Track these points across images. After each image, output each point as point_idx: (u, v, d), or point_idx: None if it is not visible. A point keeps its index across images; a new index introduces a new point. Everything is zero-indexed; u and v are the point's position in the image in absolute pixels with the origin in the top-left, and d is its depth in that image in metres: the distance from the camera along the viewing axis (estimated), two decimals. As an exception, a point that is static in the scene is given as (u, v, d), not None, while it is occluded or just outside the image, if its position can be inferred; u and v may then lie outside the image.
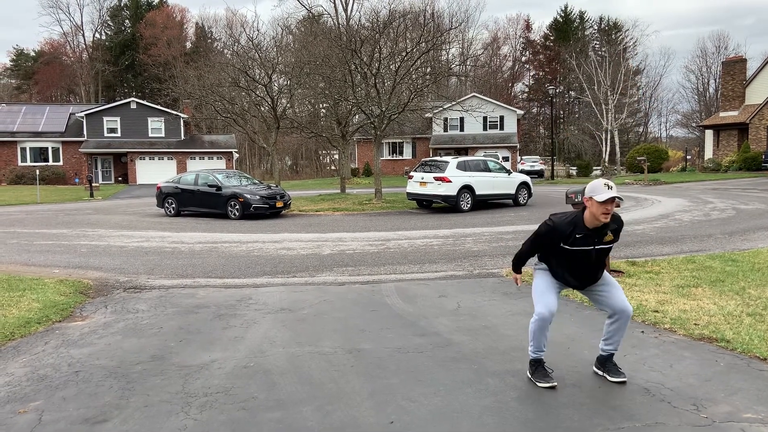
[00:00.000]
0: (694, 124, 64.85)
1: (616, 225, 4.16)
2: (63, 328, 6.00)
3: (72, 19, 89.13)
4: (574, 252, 4.12)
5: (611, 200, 3.92)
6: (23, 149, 43.95)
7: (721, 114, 39.90)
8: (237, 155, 49.47)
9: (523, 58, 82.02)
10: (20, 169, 42.30)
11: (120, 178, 44.98)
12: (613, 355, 4.40)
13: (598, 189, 3.96)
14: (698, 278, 7.47)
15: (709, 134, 41.70)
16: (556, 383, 4.22)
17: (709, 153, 40.87)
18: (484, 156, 37.44)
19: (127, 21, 77.29)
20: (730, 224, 13.38)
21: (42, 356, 5.12)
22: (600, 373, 4.42)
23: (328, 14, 53.19)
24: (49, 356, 5.11)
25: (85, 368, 4.80)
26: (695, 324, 5.56)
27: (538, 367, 4.33)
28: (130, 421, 3.81)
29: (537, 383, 4.25)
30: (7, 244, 12.58)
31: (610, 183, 3.98)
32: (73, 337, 5.69)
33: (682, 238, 11.59)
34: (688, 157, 46.47)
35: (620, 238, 4.63)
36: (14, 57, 77.88)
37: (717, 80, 63.18)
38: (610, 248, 4.24)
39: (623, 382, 4.24)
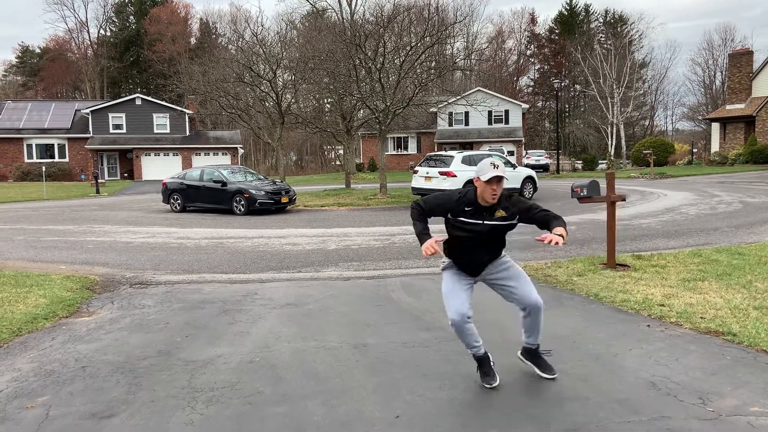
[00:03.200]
0: (700, 117, 64.50)
1: (507, 203, 4.04)
2: (70, 324, 6.03)
3: (77, 16, 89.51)
4: (464, 225, 4.02)
5: (496, 179, 3.88)
6: (29, 146, 44.14)
7: (728, 107, 39.66)
8: (242, 151, 49.54)
9: (528, 52, 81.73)
10: (26, 166, 42.49)
11: (125, 174, 45.12)
12: (538, 347, 4.33)
13: (484, 169, 3.92)
14: (704, 272, 7.43)
15: (715, 127, 41.47)
16: (496, 383, 4.13)
17: (715, 146, 40.66)
18: (489, 150, 37.36)
19: (131, 17, 77.40)
20: (737, 217, 13.32)
21: (49, 352, 5.14)
22: (527, 362, 4.37)
23: (332, 9, 53.11)
24: (57, 352, 5.14)
25: (92, 363, 4.82)
26: (701, 317, 5.54)
27: (479, 364, 4.23)
28: (137, 416, 3.83)
29: (482, 383, 4.17)
30: (14, 241, 12.65)
31: (497, 162, 3.93)
32: (80, 332, 5.72)
33: (688, 231, 11.54)
34: (695, 150, 46.28)
35: (626, 231, 4.58)
36: (20, 54, 78.15)
37: (723, 73, 62.81)
38: (506, 227, 4.08)
39: (553, 379, 4.21)
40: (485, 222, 4.02)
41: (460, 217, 4.04)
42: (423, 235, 4.04)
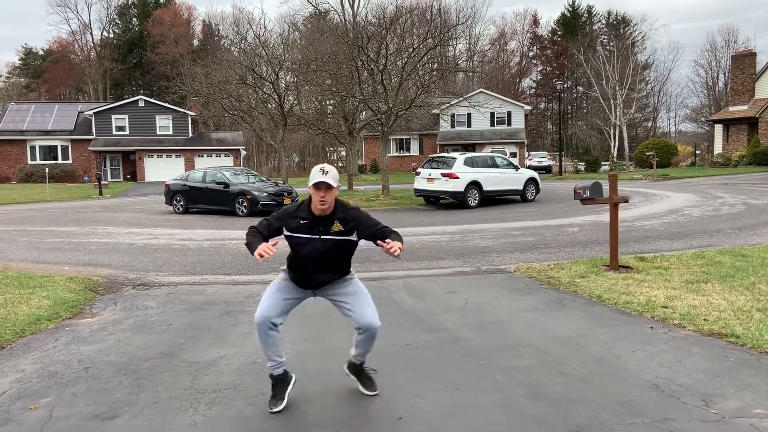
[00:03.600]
0: (703, 119, 64.40)
1: (344, 215, 3.82)
2: (73, 325, 6.04)
3: (80, 18, 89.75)
4: (298, 240, 3.83)
5: (324, 186, 3.65)
6: (33, 147, 44.25)
7: (731, 108, 39.60)
8: (244, 152, 49.62)
9: (531, 54, 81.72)
10: (30, 168, 42.60)
11: (128, 176, 45.20)
12: (363, 363, 4.16)
13: (312, 174, 3.70)
14: (708, 273, 7.42)
15: (718, 129, 41.40)
16: (278, 408, 3.85)
17: (718, 148, 40.59)
18: (491, 152, 37.35)
19: (134, 19, 77.56)
20: (740, 219, 13.29)
21: (52, 353, 5.15)
22: (351, 376, 4.22)
23: (335, 11, 53.20)
24: (60, 353, 5.15)
25: (95, 365, 4.83)
26: (705, 319, 5.53)
27: (273, 382, 3.98)
28: (139, 417, 3.83)
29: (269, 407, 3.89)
30: (17, 242, 12.67)
31: (327, 168, 3.71)
32: (83, 333, 5.73)
33: (691, 233, 11.52)
34: (698, 151, 46.17)
35: (629, 233, 4.56)
36: (23, 56, 78.34)
37: (726, 74, 62.72)
38: (345, 243, 3.85)
39: (375, 395, 4.06)
40: (321, 237, 3.80)
41: (296, 233, 3.82)
42: (253, 243, 3.76)
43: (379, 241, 3.69)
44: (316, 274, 3.91)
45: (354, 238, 3.86)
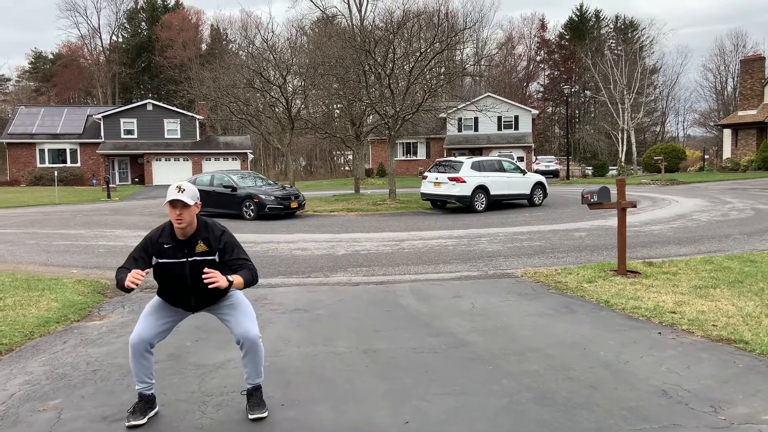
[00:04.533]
0: (711, 123, 64.09)
1: (208, 235, 3.71)
2: (81, 328, 6.08)
3: (89, 22, 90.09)
4: (166, 266, 3.69)
5: (180, 204, 3.55)
6: (42, 151, 44.54)
7: (740, 113, 39.39)
8: (252, 156, 49.79)
9: (538, 58, 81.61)
10: (39, 171, 42.86)
11: (136, 179, 45.41)
12: (256, 388, 3.91)
13: (168, 193, 3.58)
14: (716, 279, 7.38)
15: (727, 133, 41.19)
16: (141, 422, 3.71)
17: (727, 152, 40.37)
18: (498, 156, 37.29)
19: (143, 23, 78.01)
20: (749, 224, 13.21)
21: (61, 355, 5.18)
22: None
23: (342, 15, 53.35)
24: (68, 355, 5.18)
25: (103, 367, 4.85)
26: (713, 325, 5.50)
27: (138, 399, 3.83)
28: (147, 419, 3.84)
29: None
30: (26, 245, 12.76)
31: (184, 186, 3.61)
32: (92, 336, 5.76)
33: (699, 238, 11.46)
34: (706, 156, 45.95)
35: (637, 237, 4.54)
36: (33, 59, 78.92)
37: (735, 79, 62.41)
38: (214, 263, 3.70)
39: (262, 418, 3.79)
40: (187, 259, 3.68)
41: (162, 259, 3.69)
42: (120, 271, 3.63)
43: (204, 270, 3.51)
44: (192, 299, 3.83)
45: (216, 258, 3.72)
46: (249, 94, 29.16)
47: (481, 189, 18.48)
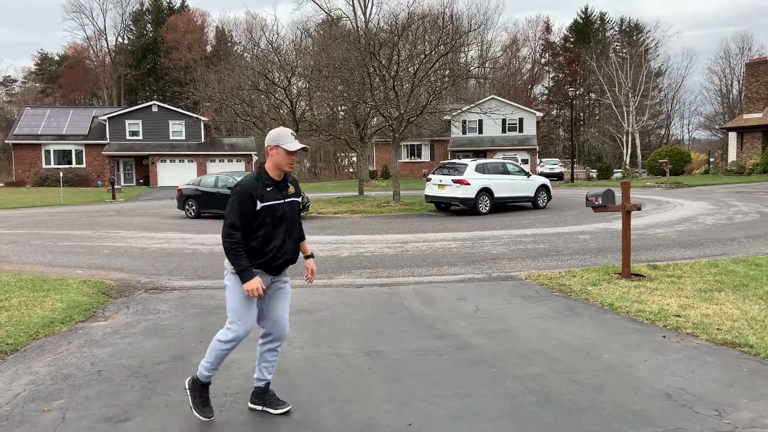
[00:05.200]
0: (717, 126, 63.96)
1: (291, 178, 3.93)
2: (86, 328, 6.09)
3: (95, 24, 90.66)
4: (271, 209, 3.68)
5: (302, 150, 3.76)
6: (47, 152, 44.75)
7: (745, 116, 39.26)
8: (256, 158, 49.81)
9: (543, 60, 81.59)
10: (44, 172, 43.05)
11: (141, 181, 45.55)
12: (268, 383, 3.96)
13: (287, 138, 3.71)
14: (721, 282, 7.36)
15: (732, 136, 41.06)
16: (213, 416, 3.80)
17: (732, 155, 40.23)
18: (502, 158, 37.28)
19: (148, 25, 78.29)
20: (754, 228, 13.17)
21: (65, 355, 5.20)
22: (259, 408, 3.95)
23: (347, 17, 53.38)
24: (73, 356, 5.19)
25: (108, 368, 4.87)
26: (718, 329, 5.48)
27: (203, 391, 3.87)
28: (151, 420, 3.85)
29: (196, 414, 3.78)
30: (31, 245, 12.81)
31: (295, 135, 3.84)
32: (96, 336, 5.78)
33: (704, 241, 11.43)
34: (711, 159, 45.79)
35: (641, 240, 4.54)
36: (39, 61, 79.29)
37: (740, 82, 62.25)
38: (299, 206, 3.94)
39: (288, 412, 3.88)
40: (284, 200, 3.80)
41: (265, 202, 3.68)
42: (248, 270, 3.62)
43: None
44: (289, 243, 3.83)
45: (301, 198, 3.97)
46: (254, 96, 29.24)
47: (485, 191, 18.47)
